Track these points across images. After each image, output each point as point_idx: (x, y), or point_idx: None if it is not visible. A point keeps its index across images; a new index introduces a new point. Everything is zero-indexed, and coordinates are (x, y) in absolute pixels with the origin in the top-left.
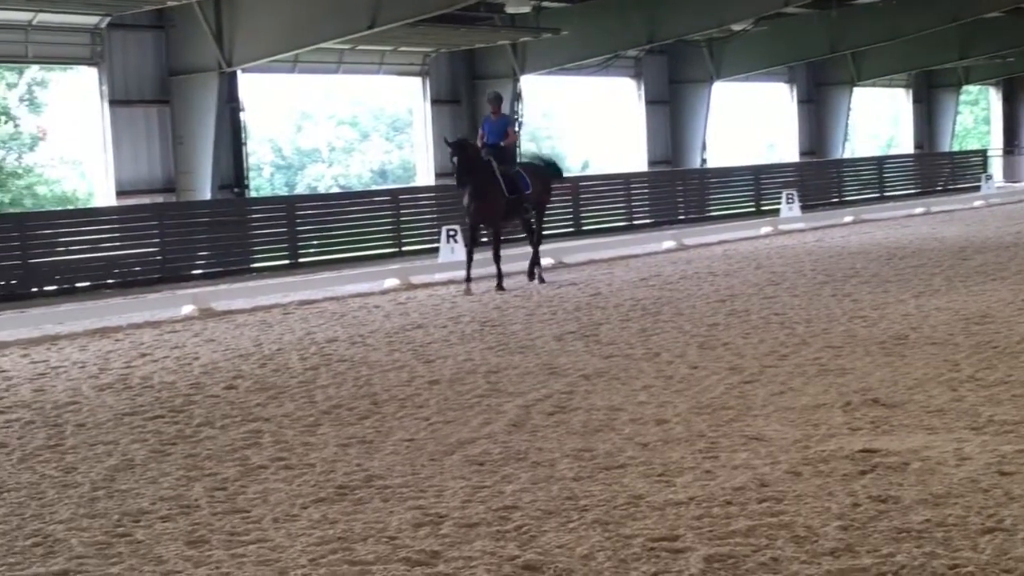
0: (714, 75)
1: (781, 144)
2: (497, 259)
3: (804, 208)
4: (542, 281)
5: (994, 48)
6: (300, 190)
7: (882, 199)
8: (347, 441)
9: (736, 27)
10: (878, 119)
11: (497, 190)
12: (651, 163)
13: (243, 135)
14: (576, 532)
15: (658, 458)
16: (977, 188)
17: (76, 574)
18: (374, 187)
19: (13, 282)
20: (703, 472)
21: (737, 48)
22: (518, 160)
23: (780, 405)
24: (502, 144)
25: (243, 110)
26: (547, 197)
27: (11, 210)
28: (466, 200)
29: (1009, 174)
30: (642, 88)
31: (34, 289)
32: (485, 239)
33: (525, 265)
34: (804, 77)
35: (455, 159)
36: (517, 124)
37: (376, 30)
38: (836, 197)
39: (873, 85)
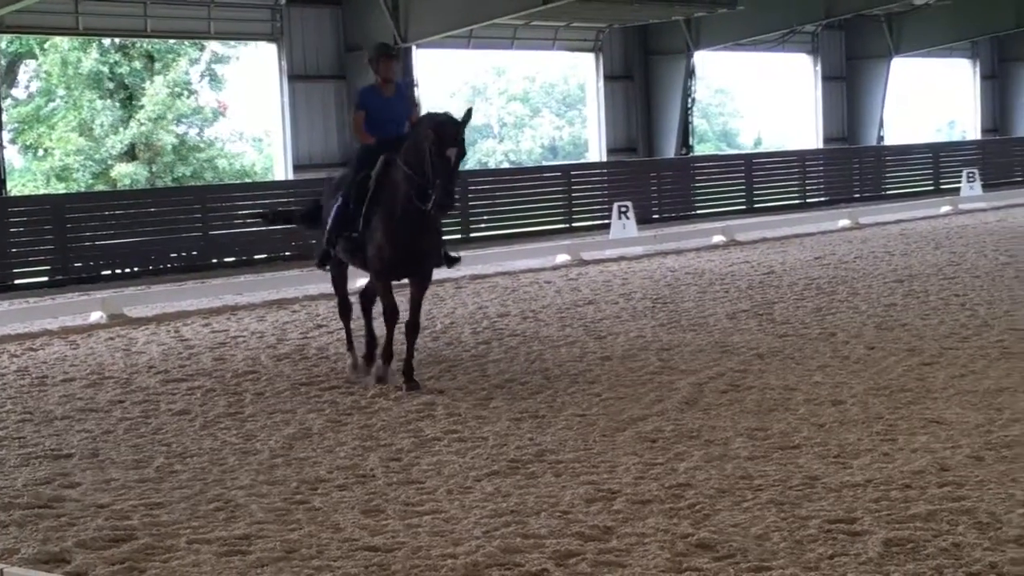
0: (893, 51)
1: (962, 121)
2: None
3: (986, 187)
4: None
5: None
6: (471, 166)
7: None
8: (519, 415)
9: (918, 1)
10: None
11: (432, 223)
12: (826, 140)
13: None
14: (751, 512)
15: (834, 439)
16: None
17: (257, 539)
18: (545, 163)
19: (194, 253)
20: (881, 455)
21: (918, 23)
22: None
23: (961, 388)
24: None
25: (417, 85)
26: None
27: (192, 183)
28: (382, 235)
29: None
30: (818, 64)
31: (214, 260)
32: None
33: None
34: (988, 52)
35: (450, 158)
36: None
37: (551, 5)
38: (1020, 176)
39: None
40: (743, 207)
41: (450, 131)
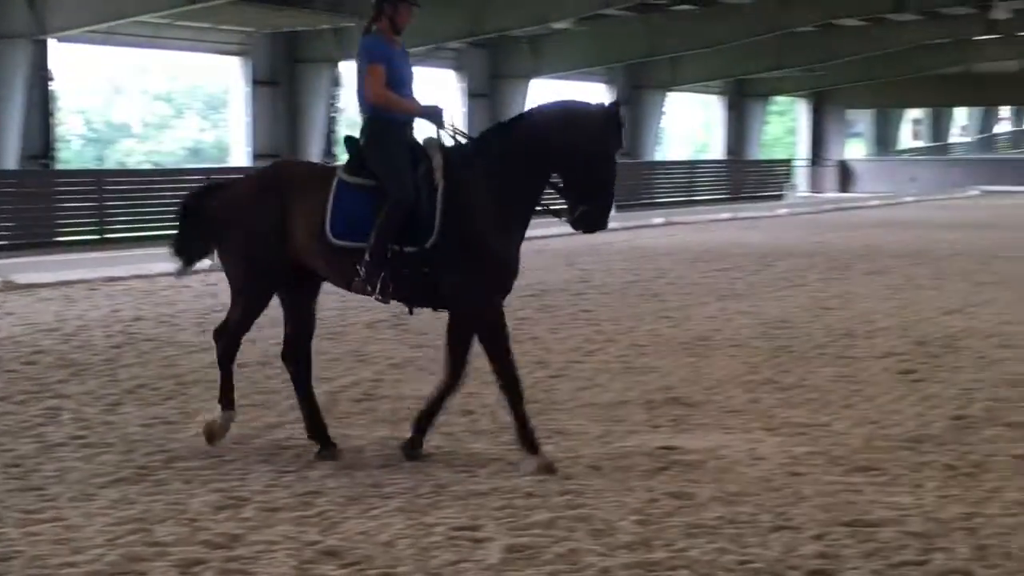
0: (534, 71)
1: None
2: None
3: (616, 208)
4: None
5: (805, 61)
6: (110, 164)
7: (692, 203)
8: (150, 421)
9: (557, 25)
10: (692, 124)
11: None
12: None
13: (52, 105)
14: (379, 519)
15: (463, 449)
16: (781, 197)
17: None
18: (187, 166)
19: None
20: (507, 464)
21: (557, 46)
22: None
23: (584, 401)
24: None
25: (53, 79)
26: None
27: None
28: (492, 244)
29: (814, 185)
30: (464, 81)
31: None
32: None
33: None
34: (622, 78)
35: (615, 162)
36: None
37: (197, 6)
38: (647, 199)
39: (689, 90)
40: None
41: (618, 127)
